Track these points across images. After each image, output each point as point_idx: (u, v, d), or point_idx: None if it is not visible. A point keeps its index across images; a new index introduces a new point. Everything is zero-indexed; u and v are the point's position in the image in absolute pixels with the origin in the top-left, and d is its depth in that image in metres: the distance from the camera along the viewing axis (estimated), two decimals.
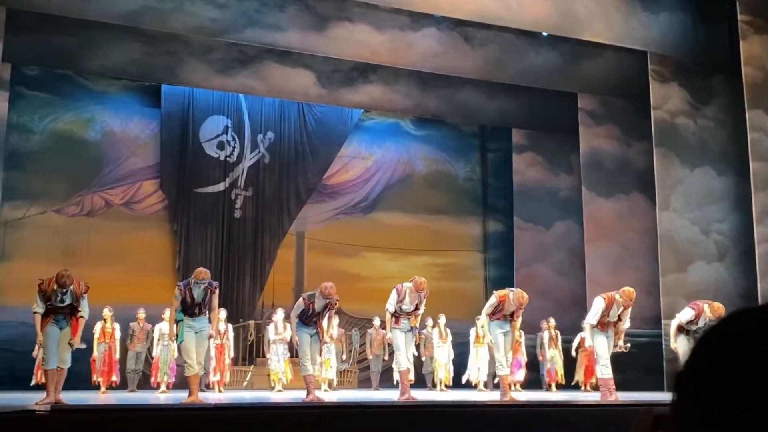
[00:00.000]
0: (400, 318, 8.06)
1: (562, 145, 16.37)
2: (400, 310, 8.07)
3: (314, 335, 8.06)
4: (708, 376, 0.67)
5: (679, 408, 0.70)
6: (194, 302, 7.45)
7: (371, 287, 15.30)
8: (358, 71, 14.95)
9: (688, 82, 13.84)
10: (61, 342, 7.22)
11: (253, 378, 13.29)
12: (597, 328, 8.06)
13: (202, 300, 7.49)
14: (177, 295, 7.52)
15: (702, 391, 0.67)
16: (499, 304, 8.19)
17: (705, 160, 13.70)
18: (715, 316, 8.49)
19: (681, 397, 0.70)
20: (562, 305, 15.11)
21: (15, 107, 13.84)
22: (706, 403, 0.66)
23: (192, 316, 7.47)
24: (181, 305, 7.48)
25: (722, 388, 0.66)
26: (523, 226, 16.61)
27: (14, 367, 12.88)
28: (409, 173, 17.01)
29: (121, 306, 12.15)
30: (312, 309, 8.01)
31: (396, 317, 8.06)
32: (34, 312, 7.21)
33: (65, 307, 7.23)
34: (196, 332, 7.48)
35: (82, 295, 7.31)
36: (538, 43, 14.03)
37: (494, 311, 8.22)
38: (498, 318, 8.23)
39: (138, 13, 12.28)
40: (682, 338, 8.92)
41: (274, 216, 15.60)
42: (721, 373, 0.66)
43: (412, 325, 8.12)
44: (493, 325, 8.23)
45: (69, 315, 7.28)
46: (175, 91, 15.05)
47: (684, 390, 0.70)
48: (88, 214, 14.48)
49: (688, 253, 13.33)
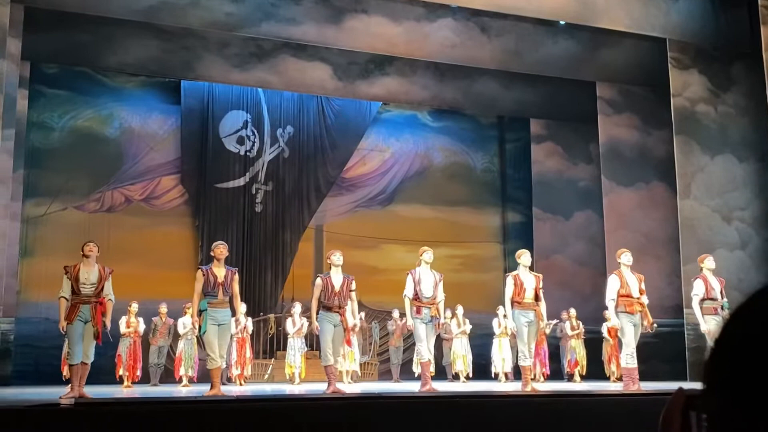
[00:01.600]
0: (421, 308, 7.99)
1: (580, 135, 16.27)
2: (420, 297, 8.03)
3: (338, 325, 7.85)
4: (737, 360, 0.66)
5: (711, 396, 0.68)
6: (216, 281, 7.50)
7: (390, 279, 15.29)
8: (374, 63, 14.93)
9: (708, 68, 13.68)
10: (86, 337, 7.39)
11: (274, 371, 13.37)
12: (626, 313, 7.94)
13: (225, 280, 7.54)
14: (199, 277, 7.56)
15: (732, 376, 0.66)
16: (515, 281, 8.18)
17: (726, 147, 13.55)
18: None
19: (711, 384, 0.68)
20: (583, 296, 15.05)
21: (35, 105, 13.96)
22: (737, 388, 0.65)
23: (214, 300, 7.47)
24: (203, 289, 7.50)
25: (753, 372, 0.64)
26: (542, 216, 16.54)
27: (38, 362, 13.04)
28: (427, 165, 16.97)
29: (143, 301, 12.25)
30: (331, 286, 7.86)
31: (417, 307, 8.00)
32: (60, 297, 7.39)
33: (91, 295, 7.41)
34: (219, 325, 7.45)
35: (107, 276, 7.56)
36: (555, 32, 13.92)
37: (516, 293, 8.16)
38: (521, 305, 8.16)
39: (155, 8, 12.33)
40: (710, 318, 8.32)
41: (295, 210, 15.65)
42: (750, 355, 0.65)
43: (433, 315, 8.04)
44: (516, 313, 8.16)
45: (94, 305, 7.41)
46: (195, 87, 15.12)
47: (713, 376, 0.68)
48: (108, 210, 14.60)
49: (710, 241, 13.20)
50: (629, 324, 7.94)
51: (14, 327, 12.70)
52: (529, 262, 8.46)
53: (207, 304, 7.44)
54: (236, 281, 7.69)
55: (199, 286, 7.51)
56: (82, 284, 7.38)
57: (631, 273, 8.17)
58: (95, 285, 7.43)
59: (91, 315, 7.37)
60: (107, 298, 7.53)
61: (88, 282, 7.41)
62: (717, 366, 0.68)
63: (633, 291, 8.02)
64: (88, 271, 7.45)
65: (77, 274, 7.40)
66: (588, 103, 14.98)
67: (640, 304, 8.05)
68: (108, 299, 7.53)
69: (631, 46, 14.03)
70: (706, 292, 8.40)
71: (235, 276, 7.68)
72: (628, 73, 14.66)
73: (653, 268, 14.31)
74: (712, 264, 8.66)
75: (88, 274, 7.43)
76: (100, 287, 7.46)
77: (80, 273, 7.41)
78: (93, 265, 7.51)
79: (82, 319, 7.36)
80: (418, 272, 8.14)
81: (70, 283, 7.39)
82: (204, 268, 7.67)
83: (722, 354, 0.67)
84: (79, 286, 7.37)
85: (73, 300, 7.34)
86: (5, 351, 12.36)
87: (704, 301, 8.41)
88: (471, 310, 13.56)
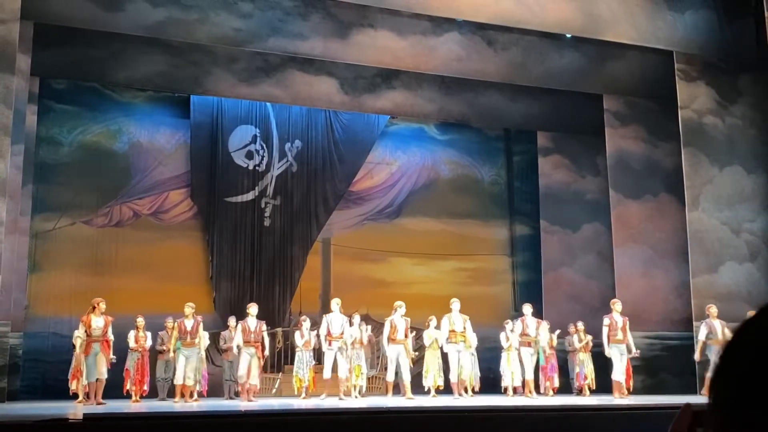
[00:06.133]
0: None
1: (587, 147, 16.25)
2: (396, 336, 11.57)
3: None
4: (742, 377, 0.66)
5: (717, 413, 0.68)
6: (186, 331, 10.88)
7: (398, 293, 15.26)
8: (381, 77, 14.97)
9: (715, 80, 13.68)
10: (98, 360, 10.30)
11: (282, 385, 13.33)
12: (613, 343, 11.44)
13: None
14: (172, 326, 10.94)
15: (738, 393, 0.65)
16: (611, 320, 11.54)
17: (734, 159, 13.52)
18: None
19: (716, 401, 0.68)
20: (591, 308, 14.98)
21: (44, 120, 14.04)
22: (743, 406, 0.64)
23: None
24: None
25: (759, 389, 0.64)
26: (550, 229, 16.50)
27: (46, 377, 13.04)
28: (434, 178, 16.97)
29: (150, 315, 12.26)
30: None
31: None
32: (77, 337, 10.74)
33: (99, 336, 10.35)
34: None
35: (109, 323, 10.57)
36: (561, 44, 13.94)
37: (611, 331, 11.54)
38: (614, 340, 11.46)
39: (164, 24, 12.41)
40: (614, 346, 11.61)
41: (303, 224, 15.65)
42: (756, 373, 0.65)
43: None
44: (612, 347, 11.61)
45: (101, 343, 10.40)
46: (204, 102, 15.18)
47: (719, 393, 0.68)
48: (116, 225, 14.63)
49: (719, 253, 13.15)
50: (615, 349, 11.57)
51: (22, 341, 12.72)
52: (621, 308, 11.59)
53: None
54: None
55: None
56: (93, 330, 10.36)
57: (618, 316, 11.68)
58: (102, 329, 10.44)
59: (100, 348, 10.40)
60: (111, 340, 10.58)
61: (98, 328, 10.42)
62: (722, 383, 0.68)
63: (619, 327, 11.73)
64: (97, 320, 10.47)
65: (89, 322, 10.40)
66: (595, 115, 14.96)
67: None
68: (111, 340, 10.58)
69: (638, 59, 14.04)
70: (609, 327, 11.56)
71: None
72: (634, 85, 14.65)
73: (662, 281, 14.27)
74: (620, 307, 11.80)
75: (96, 323, 10.46)
76: (105, 330, 10.48)
77: (92, 322, 10.39)
78: (100, 315, 10.47)
79: (92, 351, 10.35)
80: (393, 320, 11.66)
81: (84, 328, 10.44)
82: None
83: (727, 371, 0.67)
84: (91, 331, 10.36)
85: (87, 340, 10.37)
86: (13, 365, 12.36)
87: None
88: (479, 323, 13.49)
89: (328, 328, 11.73)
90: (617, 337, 11.46)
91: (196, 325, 11.39)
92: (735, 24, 13.71)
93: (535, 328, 12.24)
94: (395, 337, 11.73)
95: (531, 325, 12.24)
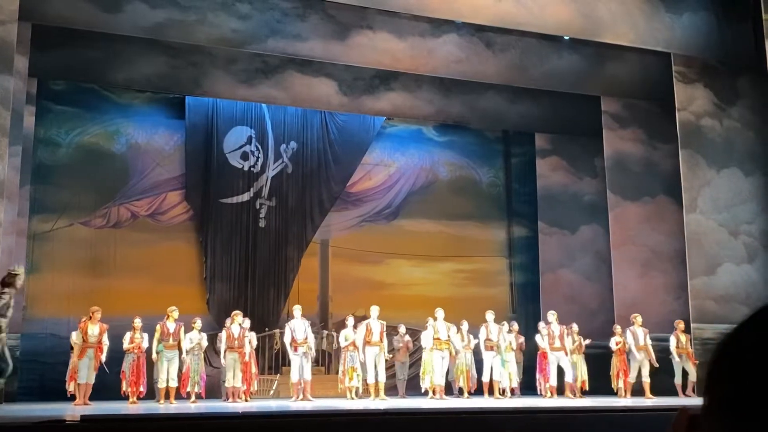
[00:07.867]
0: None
1: (586, 149, 16.26)
2: (371, 339, 11.85)
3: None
4: (736, 379, 0.66)
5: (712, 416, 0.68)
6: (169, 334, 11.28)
7: (396, 294, 15.29)
8: (379, 79, 14.97)
9: (713, 82, 13.69)
10: (90, 364, 10.95)
11: (279, 387, 13.32)
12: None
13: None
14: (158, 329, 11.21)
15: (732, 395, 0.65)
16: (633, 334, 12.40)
17: (732, 161, 13.53)
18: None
19: (711, 403, 0.68)
20: (589, 310, 15.00)
21: (42, 121, 14.02)
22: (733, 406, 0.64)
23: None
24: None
25: (753, 391, 0.64)
26: (548, 230, 16.51)
27: (43, 378, 13.01)
28: (432, 179, 16.97)
29: (148, 317, 12.24)
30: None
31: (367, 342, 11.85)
32: (74, 343, 11.19)
33: (94, 342, 10.98)
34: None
35: (104, 330, 11.17)
36: (560, 46, 13.95)
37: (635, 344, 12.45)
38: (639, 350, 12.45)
39: (162, 25, 12.40)
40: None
41: (298, 225, 15.64)
42: (750, 375, 0.65)
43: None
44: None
45: (96, 349, 11.03)
46: (200, 103, 15.17)
47: (713, 395, 0.68)
48: (114, 226, 14.61)
49: (717, 255, 13.16)
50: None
51: (20, 343, 12.68)
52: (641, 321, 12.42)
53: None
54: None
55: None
56: (89, 336, 10.98)
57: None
58: (97, 336, 11.05)
59: (93, 354, 11.02)
60: (105, 345, 11.17)
61: (93, 336, 11.04)
62: (716, 385, 0.68)
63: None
64: (93, 328, 11.10)
65: (86, 330, 11.03)
66: (593, 117, 14.98)
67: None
68: (105, 344, 11.15)
69: (636, 61, 14.05)
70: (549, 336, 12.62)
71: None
72: (633, 87, 14.67)
73: (660, 283, 14.29)
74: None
75: (92, 330, 11.08)
76: (100, 338, 11.09)
77: (88, 329, 11.04)
78: (96, 323, 11.13)
79: (87, 355, 11.00)
80: (369, 323, 11.95)
81: (80, 335, 11.03)
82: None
83: (721, 373, 0.67)
84: (87, 337, 10.99)
85: (83, 345, 11.01)
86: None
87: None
88: (476, 325, 13.49)
89: (292, 334, 11.88)
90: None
91: (178, 328, 11.57)
92: (733, 26, 13.73)
93: (497, 333, 12.76)
94: (370, 339, 12.00)
95: (494, 330, 12.81)
